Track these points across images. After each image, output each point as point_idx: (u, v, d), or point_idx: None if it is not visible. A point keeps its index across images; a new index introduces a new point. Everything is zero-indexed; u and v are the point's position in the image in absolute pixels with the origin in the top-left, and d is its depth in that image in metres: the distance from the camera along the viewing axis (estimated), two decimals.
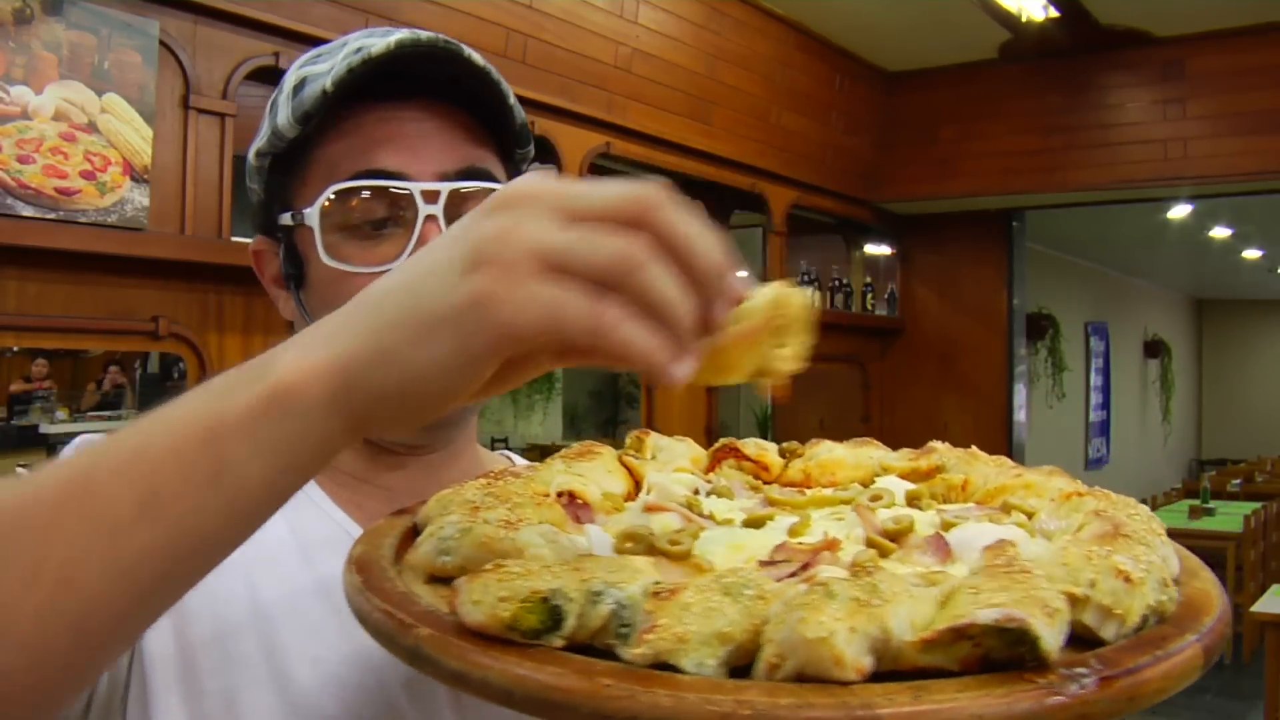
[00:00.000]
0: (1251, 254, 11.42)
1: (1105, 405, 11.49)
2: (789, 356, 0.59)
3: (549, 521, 0.61)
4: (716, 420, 5.47)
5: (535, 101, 4.12)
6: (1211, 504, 8.88)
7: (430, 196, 0.85)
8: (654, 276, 0.49)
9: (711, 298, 0.51)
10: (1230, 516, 8.39)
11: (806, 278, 6.35)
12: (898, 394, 7.18)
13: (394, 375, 0.51)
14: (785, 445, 0.83)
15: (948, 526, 0.62)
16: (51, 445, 6.43)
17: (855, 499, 0.69)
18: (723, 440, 0.84)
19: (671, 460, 0.81)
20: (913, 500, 0.70)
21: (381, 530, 0.68)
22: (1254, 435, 14.66)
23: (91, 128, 2.84)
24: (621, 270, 0.48)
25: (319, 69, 0.89)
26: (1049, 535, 0.61)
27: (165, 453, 0.51)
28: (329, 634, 0.83)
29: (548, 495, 0.67)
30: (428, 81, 0.88)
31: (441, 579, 0.58)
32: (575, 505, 0.68)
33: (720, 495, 0.75)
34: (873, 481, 0.77)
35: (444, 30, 0.91)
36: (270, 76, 3.37)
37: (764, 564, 0.57)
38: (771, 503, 0.72)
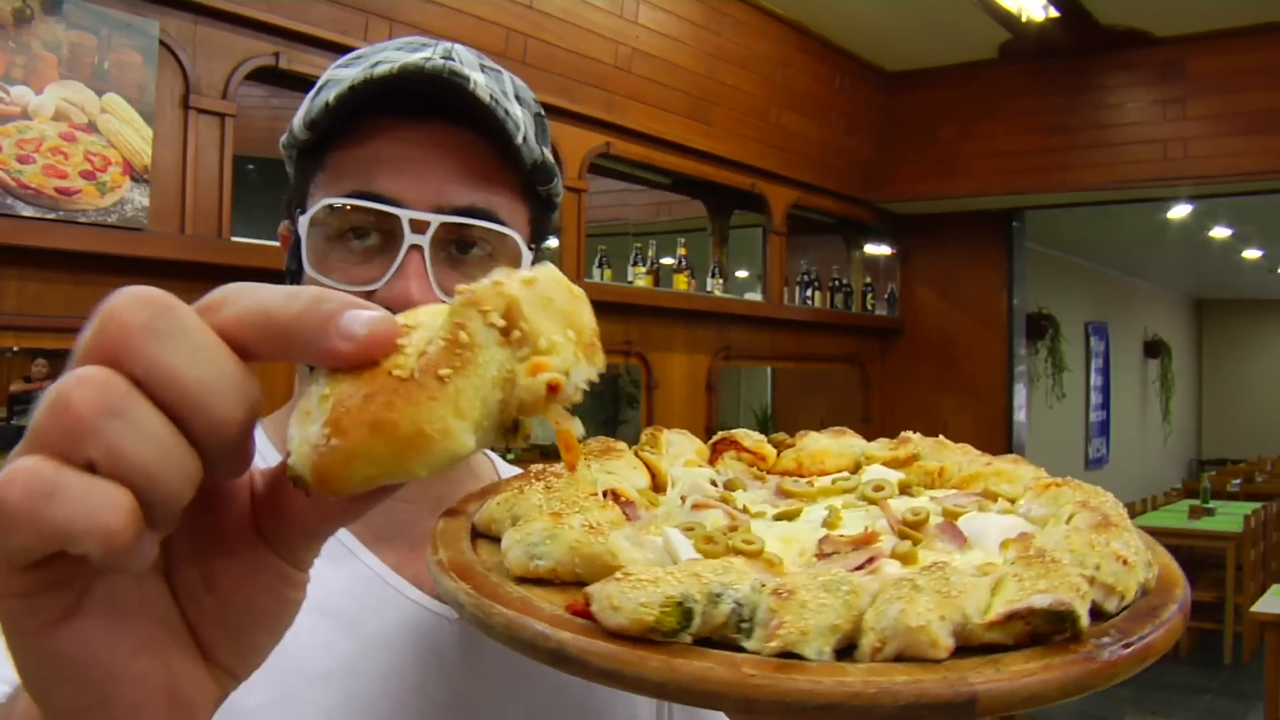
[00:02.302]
0: (1251, 254, 11.43)
1: (1105, 405, 11.49)
2: (562, 369, 0.42)
3: (613, 523, 0.68)
4: (716, 420, 5.47)
5: None
6: (1211, 504, 8.89)
7: (419, 226, 0.84)
8: (108, 442, 0.40)
9: (208, 443, 0.42)
10: (1230, 516, 8.40)
11: (806, 277, 6.35)
12: (898, 394, 7.18)
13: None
14: (773, 437, 0.91)
15: (951, 515, 0.71)
16: None
17: (859, 488, 0.77)
18: (721, 433, 0.90)
19: (680, 454, 0.87)
20: (904, 488, 0.78)
21: (452, 534, 0.72)
22: (1254, 435, 14.68)
23: (91, 128, 2.84)
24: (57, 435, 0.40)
25: (344, 74, 0.89)
26: (1039, 521, 0.70)
27: None
28: (337, 650, 0.83)
29: (595, 495, 0.73)
30: (444, 103, 0.87)
31: (530, 580, 0.65)
32: (621, 504, 0.74)
33: (734, 488, 0.81)
34: (857, 468, 0.86)
35: (444, 31, 0.90)
36: (270, 76, 3.37)
37: (820, 556, 0.66)
38: (786, 493, 0.80)
